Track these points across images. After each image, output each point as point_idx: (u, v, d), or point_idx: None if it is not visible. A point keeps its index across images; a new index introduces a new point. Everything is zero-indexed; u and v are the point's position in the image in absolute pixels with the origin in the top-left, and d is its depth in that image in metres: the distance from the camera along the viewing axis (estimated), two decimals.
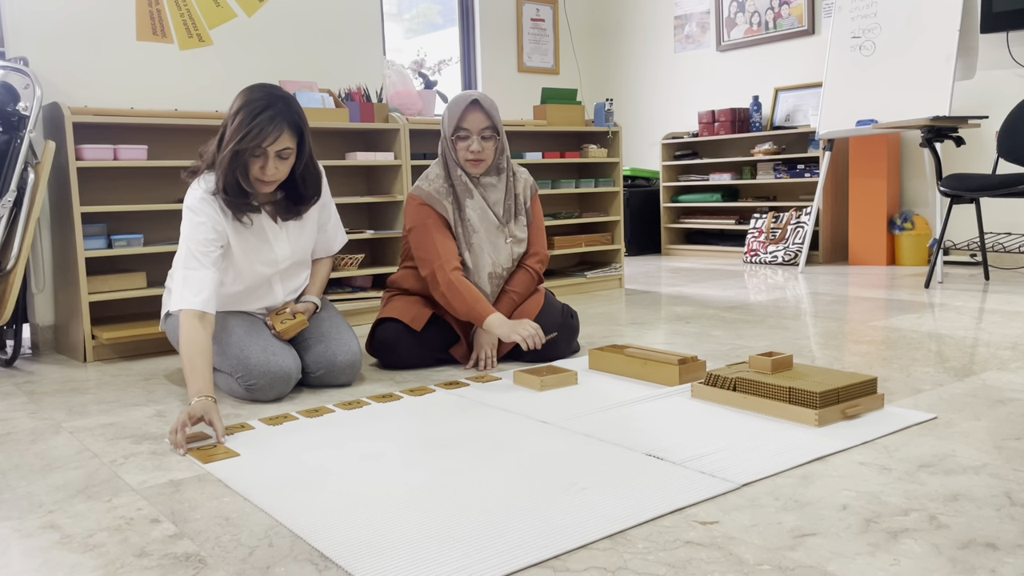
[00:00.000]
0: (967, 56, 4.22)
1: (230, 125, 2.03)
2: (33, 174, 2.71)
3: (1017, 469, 1.45)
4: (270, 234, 2.22)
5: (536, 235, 2.55)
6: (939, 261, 3.97)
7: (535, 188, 2.56)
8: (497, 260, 2.43)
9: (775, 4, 5.58)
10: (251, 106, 2.00)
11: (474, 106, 2.33)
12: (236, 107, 2.03)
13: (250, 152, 2.01)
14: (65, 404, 2.19)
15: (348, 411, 1.99)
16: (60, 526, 1.35)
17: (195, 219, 2.07)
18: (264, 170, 2.04)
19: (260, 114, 1.99)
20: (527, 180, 2.55)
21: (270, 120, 1.99)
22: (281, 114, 2.01)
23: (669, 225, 6.07)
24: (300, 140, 2.09)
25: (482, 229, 2.41)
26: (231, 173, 2.04)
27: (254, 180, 2.07)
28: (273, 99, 2.02)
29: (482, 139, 2.35)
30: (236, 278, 2.22)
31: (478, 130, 2.34)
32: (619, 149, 4.22)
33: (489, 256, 2.42)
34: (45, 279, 3.04)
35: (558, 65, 6.54)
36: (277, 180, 2.09)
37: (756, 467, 1.49)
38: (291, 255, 2.28)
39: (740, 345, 2.65)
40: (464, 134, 2.35)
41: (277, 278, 2.30)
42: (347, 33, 3.68)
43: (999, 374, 2.15)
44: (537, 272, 2.53)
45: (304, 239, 2.31)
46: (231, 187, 2.06)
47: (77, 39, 3.05)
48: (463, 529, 1.27)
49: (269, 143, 2.00)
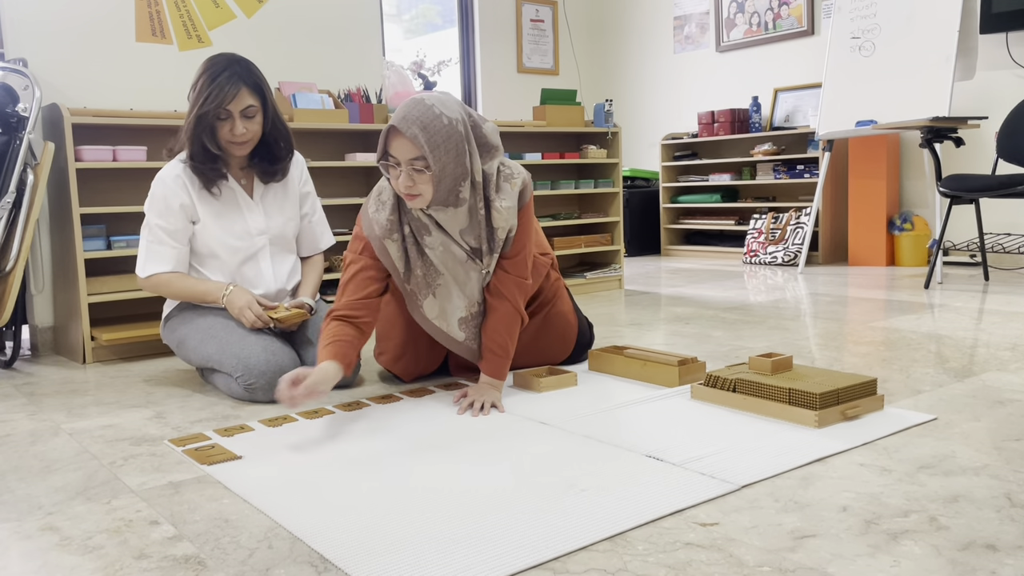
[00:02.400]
0: (966, 56, 4.22)
1: (192, 92, 2.13)
2: (32, 175, 2.70)
3: (1017, 470, 1.45)
4: (243, 206, 2.26)
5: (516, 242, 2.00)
6: (939, 262, 3.97)
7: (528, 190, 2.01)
8: (472, 300, 2.02)
9: (774, 5, 5.58)
10: (210, 72, 2.11)
11: (394, 132, 1.79)
12: (197, 75, 2.13)
13: (214, 114, 2.09)
14: (64, 405, 2.19)
15: (348, 412, 1.99)
16: (59, 528, 1.35)
17: (159, 189, 2.20)
18: (233, 131, 2.12)
19: (218, 76, 2.09)
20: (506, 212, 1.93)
21: (228, 79, 2.08)
22: (238, 74, 2.10)
23: (669, 226, 6.07)
24: (263, 99, 2.16)
25: (447, 270, 1.97)
26: (197, 139, 2.12)
27: (227, 144, 2.16)
28: (230, 62, 2.11)
29: (413, 171, 1.81)
30: (210, 254, 2.25)
31: (406, 160, 1.80)
32: (619, 150, 4.22)
33: (458, 299, 2.00)
34: (44, 280, 3.04)
35: (557, 66, 6.54)
36: (249, 140, 2.17)
37: (756, 468, 1.49)
38: (266, 229, 2.29)
39: (740, 346, 2.64)
40: (393, 162, 1.82)
41: (264, 255, 2.30)
42: (346, 34, 3.68)
43: (999, 375, 2.15)
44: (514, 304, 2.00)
45: (284, 217, 2.32)
46: (198, 153, 2.14)
47: (76, 40, 3.04)
48: (463, 530, 1.26)
49: (230, 102, 2.08)
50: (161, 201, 2.20)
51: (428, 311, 2.01)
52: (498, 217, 1.94)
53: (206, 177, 2.18)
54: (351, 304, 1.95)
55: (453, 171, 1.84)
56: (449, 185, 1.85)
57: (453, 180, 1.85)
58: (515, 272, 2.01)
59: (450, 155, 1.82)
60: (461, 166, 1.85)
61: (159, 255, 2.21)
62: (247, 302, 2.16)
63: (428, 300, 2.01)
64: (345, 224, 3.56)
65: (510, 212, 1.95)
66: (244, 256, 2.27)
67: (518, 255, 2.01)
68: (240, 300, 2.17)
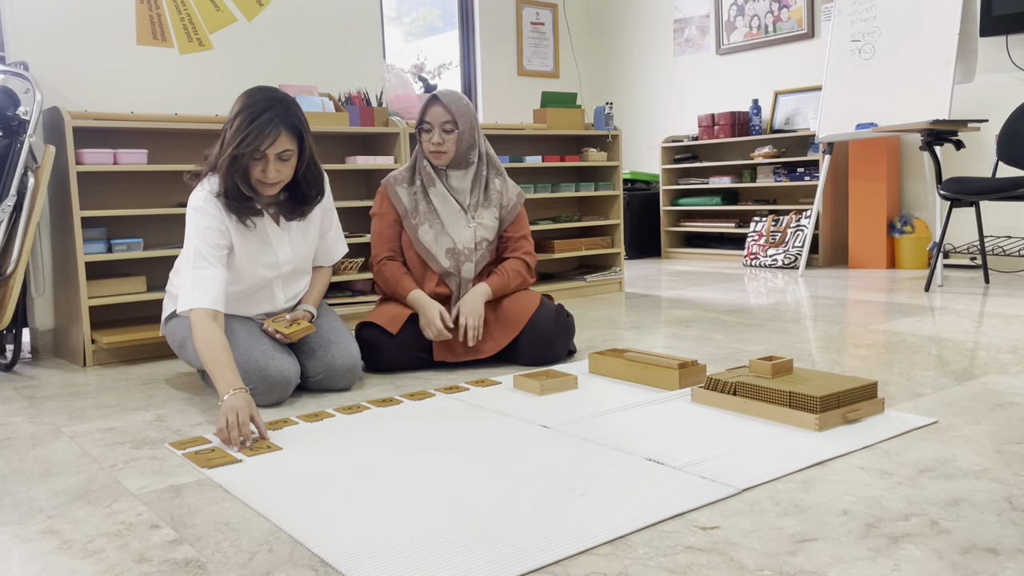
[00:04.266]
0: (966, 59, 4.22)
1: (229, 129, 2.04)
2: (33, 178, 2.71)
3: (1018, 473, 1.45)
4: (272, 237, 2.22)
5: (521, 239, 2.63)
6: (939, 264, 3.97)
7: (521, 196, 2.64)
8: (457, 239, 2.51)
9: (774, 8, 5.59)
10: (249, 109, 2.01)
11: (434, 101, 2.48)
12: (235, 111, 2.04)
13: (249, 156, 2.02)
14: (65, 409, 2.19)
15: (348, 416, 1.99)
16: (60, 531, 1.35)
17: (201, 219, 2.08)
18: (266, 173, 2.05)
19: (258, 117, 2.00)
20: (513, 190, 2.64)
21: (268, 122, 1.99)
22: (279, 116, 2.01)
23: (669, 228, 6.07)
24: (300, 142, 2.09)
25: (442, 211, 2.52)
26: (231, 177, 2.05)
27: (256, 183, 2.08)
28: (272, 102, 2.02)
29: (443, 131, 2.48)
30: (237, 279, 2.22)
31: (439, 123, 2.47)
32: (619, 153, 4.22)
33: (448, 235, 2.51)
34: (45, 283, 3.04)
35: (558, 69, 6.55)
36: (280, 181, 2.10)
37: (757, 472, 1.49)
38: (293, 259, 2.28)
39: (740, 349, 2.64)
40: (427, 127, 2.49)
41: (279, 282, 2.30)
42: (347, 37, 3.68)
43: (999, 378, 2.15)
44: (525, 261, 2.61)
45: (307, 243, 2.31)
46: (232, 191, 2.07)
47: (77, 43, 3.05)
48: (463, 534, 1.26)
49: (267, 146, 2.01)
50: (205, 221, 2.08)
51: (423, 235, 2.52)
52: (500, 185, 2.62)
53: (240, 212, 2.12)
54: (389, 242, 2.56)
55: (469, 137, 2.52)
56: (465, 148, 2.52)
57: (468, 145, 2.53)
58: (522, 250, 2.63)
59: (468, 124, 2.51)
60: (473, 136, 2.54)
61: (209, 283, 2.03)
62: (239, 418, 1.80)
63: (423, 227, 2.52)
64: (346, 227, 3.56)
65: (511, 188, 2.64)
66: (265, 281, 2.27)
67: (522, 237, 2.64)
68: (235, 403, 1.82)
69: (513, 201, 2.62)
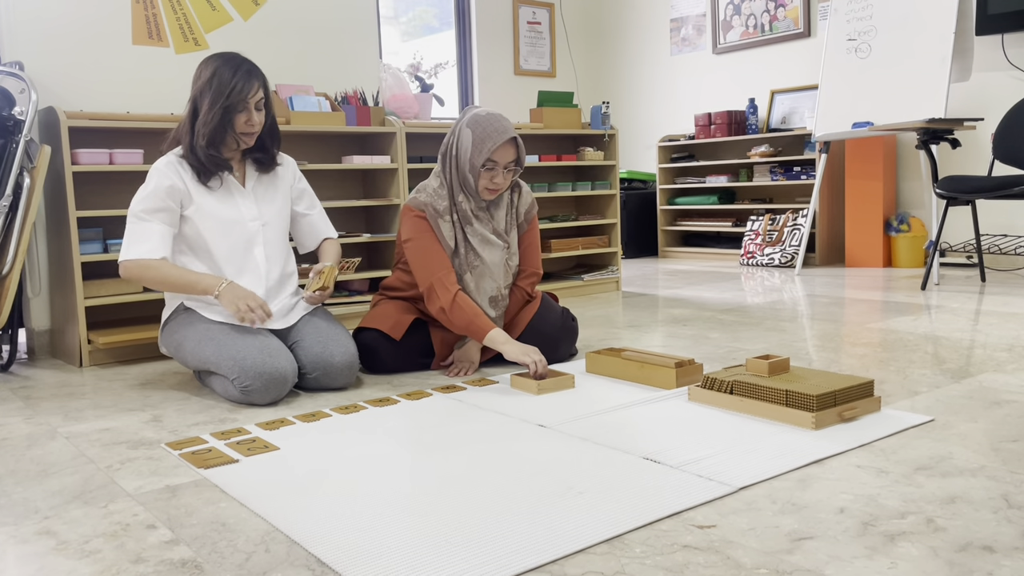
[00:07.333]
0: (962, 58, 4.23)
1: (208, 91, 2.22)
2: (29, 178, 2.70)
3: (1014, 471, 1.46)
4: (237, 195, 2.34)
5: (533, 254, 2.55)
6: (935, 263, 3.98)
7: (534, 205, 2.56)
8: (500, 284, 2.44)
9: (771, 7, 5.59)
10: (224, 68, 2.23)
11: (511, 143, 2.34)
12: (207, 75, 2.23)
13: (238, 106, 2.22)
14: (61, 409, 2.19)
15: (345, 415, 1.99)
16: (56, 532, 1.35)
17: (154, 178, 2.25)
18: (249, 122, 2.25)
19: (236, 72, 2.22)
20: (529, 196, 2.55)
21: (247, 75, 2.24)
22: (251, 70, 2.26)
23: (666, 227, 6.07)
24: (267, 92, 2.32)
25: (485, 254, 2.41)
26: (220, 130, 2.23)
27: (240, 134, 2.27)
28: (238, 59, 2.26)
29: (505, 171, 2.37)
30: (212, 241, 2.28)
31: (506, 163, 2.35)
32: (615, 152, 4.22)
33: (492, 280, 2.43)
34: (41, 283, 3.03)
35: (554, 68, 6.55)
36: (259, 130, 2.29)
37: (753, 470, 1.49)
38: (259, 216, 2.35)
39: (737, 348, 2.65)
40: (491, 165, 2.35)
41: (258, 243, 2.33)
42: (343, 37, 3.68)
43: (996, 376, 2.15)
44: (528, 292, 2.54)
45: (275, 207, 2.40)
46: (212, 144, 2.24)
47: (73, 43, 3.04)
48: (460, 533, 1.26)
49: (251, 94, 2.23)
50: (147, 185, 2.26)
51: (466, 284, 2.41)
52: (521, 200, 2.54)
53: (205, 169, 2.27)
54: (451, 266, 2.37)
55: None
56: None
57: None
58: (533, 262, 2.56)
59: None
60: None
61: (141, 235, 2.22)
62: (246, 293, 2.18)
63: (466, 276, 2.42)
64: (343, 227, 3.56)
65: (528, 198, 2.55)
66: (238, 243, 2.30)
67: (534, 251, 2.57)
68: (239, 290, 2.19)
69: (527, 208, 2.54)
